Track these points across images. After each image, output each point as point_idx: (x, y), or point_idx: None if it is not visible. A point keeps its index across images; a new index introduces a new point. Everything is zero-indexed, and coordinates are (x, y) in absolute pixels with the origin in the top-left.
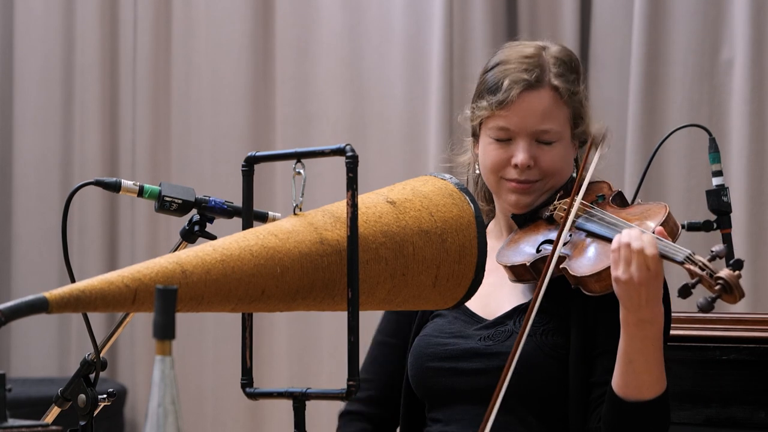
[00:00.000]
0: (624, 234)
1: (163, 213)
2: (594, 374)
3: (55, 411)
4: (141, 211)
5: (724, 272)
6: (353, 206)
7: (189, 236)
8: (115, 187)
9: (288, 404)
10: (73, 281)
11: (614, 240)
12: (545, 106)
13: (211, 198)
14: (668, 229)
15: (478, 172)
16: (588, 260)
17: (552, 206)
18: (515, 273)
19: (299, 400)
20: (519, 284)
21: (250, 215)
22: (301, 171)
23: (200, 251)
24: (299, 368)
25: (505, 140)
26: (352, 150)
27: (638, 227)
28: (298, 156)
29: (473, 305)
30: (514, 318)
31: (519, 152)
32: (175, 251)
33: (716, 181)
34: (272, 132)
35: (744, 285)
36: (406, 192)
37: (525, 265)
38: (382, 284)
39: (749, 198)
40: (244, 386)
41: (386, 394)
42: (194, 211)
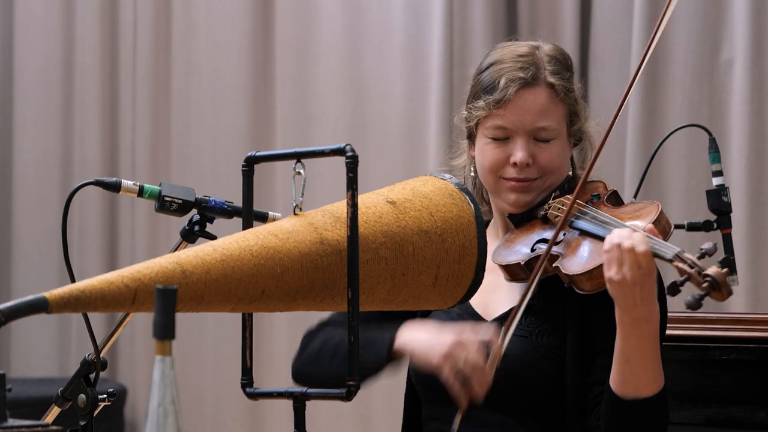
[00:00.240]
0: (614, 234)
1: (163, 213)
2: (591, 373)
3: (55, 411)
4: (141, 211)
5: (712, 270)
6: (353, 206)
7: (189, 236)
8: (115, 187)
9: (288, 404)
10: (73, 281)
11: (605, 241)
12: (542, 104)
13: (211, 198)
14: (660, 228)
15: (474, 174)
16: (580, 259)
17: (547, 205)
18: (510, 272)
19: (299, 400)
20: (517, 285)
21: (250, 215)
22: (301, 171)
23: (200, 251)
24: None
25: (503, 139)
26: (352, 150)
27: (623, 225)
28: (298, 156)
29: (474, 302)
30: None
31: (517, 150)
32: (175, 251)
33: (716, 181)
34: (272, 132)
35: (744, 285)
36: (406, 192)
37: (519, 264)
38: (382, 284)
39: (749, 198)
40: (244, 386)
41: None
42: (194, 211)
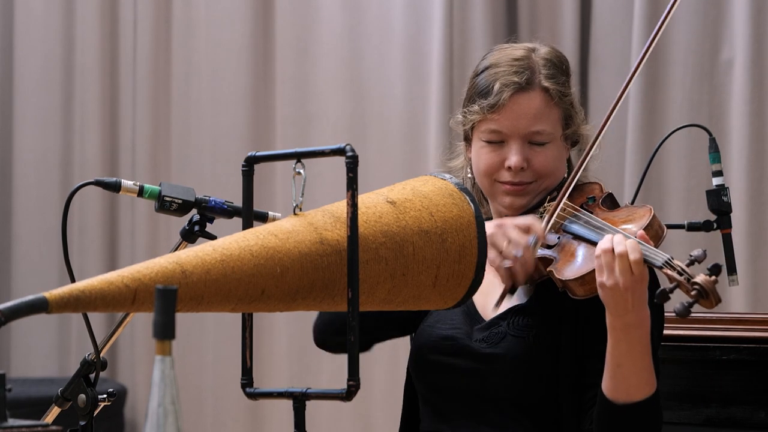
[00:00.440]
0: (606, 240)
1: (163, 213)
2: (585, 376)
3: (55, 411)
4: (141, 211)
5: (701, 278)
6: (353, 206)
7: (189, 236)
8: (115, 187)
9: (288, 404)
10: (73, 281)
11: (597, 247)
12: (537, 108)
13: (211, 198)
14: (652, 232)
15: (471, 176)
16: (573, 264)
17: (542, 208)
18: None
19: (299, 400)
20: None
21: (250, 215)
22: (301, 171)
23: (200, 251)
24: (299, 368)
25: (498, 143)
26: (352, 150)
27: (615, 230)
28: (298, 156)
29: (476, 299)
30: (508, 319)
31: (512, 154)
32: (175, 251)
33: (716, 181)
34: (272, 132)
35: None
36: (406, 192)
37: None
38: (382, 284)
39: (749, 198)
40: (244, 386)
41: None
42: (194, 211)
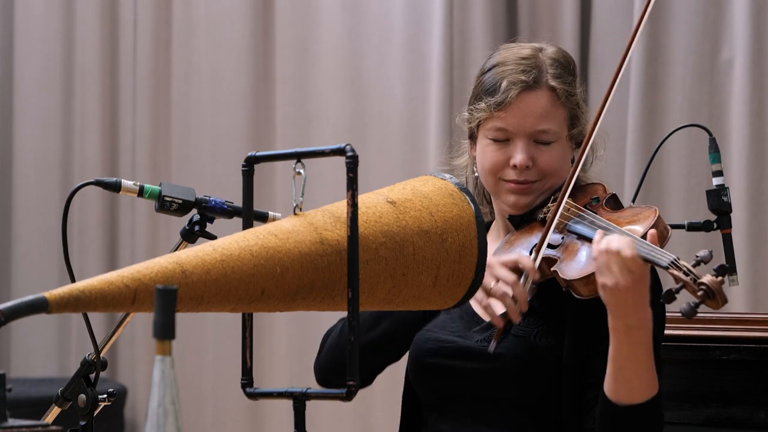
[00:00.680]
0: (603, 241)
1: (164, 213)
2: (588, 375)
3: (55, 411)
4: (141, 211)
5: (707, 278)
6: (353, 206)
7: (189, 236)
8: (115, 187)
9: (288, 404)
10: (73, 281)
11: (593, 249)
12: (543, 107)
13: (211, 198)
14: (657, 233)
15: (476, 174)
16: (577, 264)
17: (546, 208)
18: None
19: (299, 400)
20: None
21: (250, 215)
22: (301, 171)
23: (200, 251)
24: (299, 368)
25: (504, 141)
26: (352, 150)
27: (626, 233)
28: (298, 156)
29: (474, 304)
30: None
31: (517, 153)
32: (175, 251)
33: (716, 181)
34: (272, 132)
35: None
36: (407, 192)
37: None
38: (382, 284)
39: (749, 198)
40: (244, 386)
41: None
42: (194, 211)
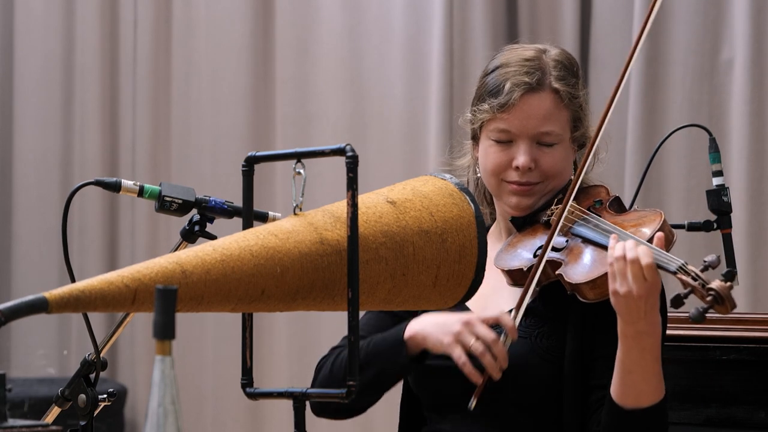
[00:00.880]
0: (618, 247)
1: (164, 213)
2: (593, 377)
3: (55, 411)
4: (141, 211)
5: (716, 283)
6: (353, 206)
7: (189, 236)
8: (115, 187)
9: (288, 404)
10: (73, 281)
11: (609, 254)
12: (546, 109)
13: (212, 198)
14: (664, 236)
15: (479, 175)
16: (583, 267)
17: (549, 211)
18: (512, 277)
19: (299, 400)
20: (518, 289)
21: (250, 215)
22: (301, 171)
23: (200, 251)
24: (299, 368)
25: (506, 142)
26: (352, 150)
27: (633, 237)
28: (298, 156)
29: (473, 305)
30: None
31: (520, 154)
32: (175, 251)
33: (716, 181)
34: (272, 132)
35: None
36: (407, 192)
37: (522, 270)
38: (382, 284)
39: (749, 198)
40: (244, 386)
41: None
42: (194, 211)
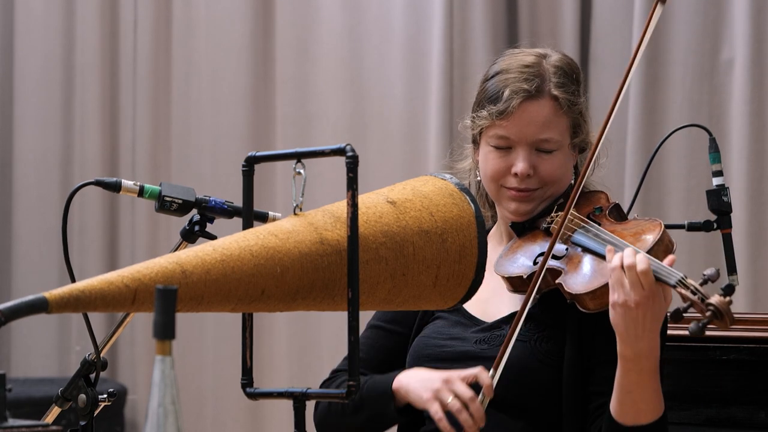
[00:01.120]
0: (615, 258)
1: (164, 213)
2: (592, 383)
3: (55, 411)
4: (141, 211)
5: (715, 299)
6: (353, 206)
7: (189, 236)
8: (115, 187)
9: (288, 404)
10: (73, 281)
11: (608, 267)
12: (545, 116)
13: (212, 198)
14: (663, 246)
15: (479, 178)
16: (583, 277)
17: (549, 218)
18: (512, 284)
19: (299, 400)
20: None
21: (250, 215)
22: (301, 171)
23: (200, 251)
24: (299, 368)
25: (505, 148)
26: (352, 150)
27: (632, 247)
28: (298, 156)
29: (472, 308)
30: (511, 323)
31: (519, 161)
32: (175, 251)
33: (716, 181)
34: (272, 132)
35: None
36: (407, 192)
37: (521, 278)
38: (383, 284)
39: (749, 198)
40: (244, 386)
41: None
42: (194, 211)
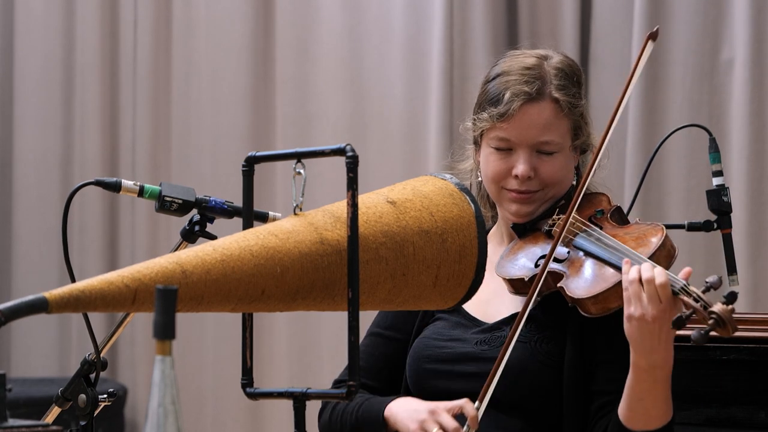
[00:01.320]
0: (632, 270)
1: (164, 213)
2: (594, 383)
3: (55, 411)
4: (141, 211)
5: (718, 307)
6: (353, 206)
7: (189, 236)
8: (116, 187)
9: (288, 404)
10: (73, 281)
11: (623, 279)
12: (546, 118)
13: (212, 198)
14: (665, 252)
15: (480, 179)
16: (585, 282)
17: (551, 220)
18: (513, 286)
19: (299, 400)
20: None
21: (250, 215)
22: (301, 171)
23: (200, 251)
24: (299, 368)
25: (506, 150)
26: (352, 150)
27: (644, 259)
28: (298, 156)
29: (473, 309)
30: (512, 324)
31: (519, 163)
32: (175, 251)
33: (716, 181)
34: (272, 132)
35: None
36: (407, 192)
37: (523, 280)
38: (383, 284)
39: (749, 198)
40: (244, 386)
41: (374, 384)
42: (194, 211)
